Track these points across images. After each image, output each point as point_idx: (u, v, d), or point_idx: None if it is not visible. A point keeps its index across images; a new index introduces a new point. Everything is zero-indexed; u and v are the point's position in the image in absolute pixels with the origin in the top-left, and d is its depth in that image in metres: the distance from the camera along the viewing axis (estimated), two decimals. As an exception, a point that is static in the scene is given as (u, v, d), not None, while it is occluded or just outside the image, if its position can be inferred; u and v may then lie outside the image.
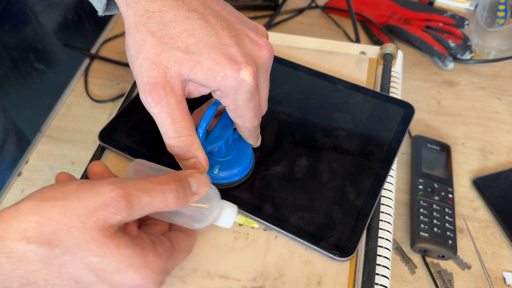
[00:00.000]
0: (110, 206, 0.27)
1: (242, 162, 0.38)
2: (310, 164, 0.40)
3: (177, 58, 0.31)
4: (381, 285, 0.36)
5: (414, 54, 0.73)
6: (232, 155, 0.39)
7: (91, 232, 0.26)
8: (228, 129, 0.38)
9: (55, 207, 0.27)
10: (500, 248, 0.51)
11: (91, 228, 0.26)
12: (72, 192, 0.27)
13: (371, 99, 0.46)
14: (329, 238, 0.36)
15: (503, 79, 0.69)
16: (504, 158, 0.59)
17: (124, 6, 0.31)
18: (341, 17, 0.81)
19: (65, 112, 0.67)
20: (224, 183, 0.38)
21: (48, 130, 0.64)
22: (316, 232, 0.36)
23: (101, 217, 0.26)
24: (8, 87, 1.07)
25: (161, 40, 0.31)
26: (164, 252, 0.29)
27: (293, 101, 0.46)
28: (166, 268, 0.29)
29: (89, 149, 0.61)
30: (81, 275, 0.27)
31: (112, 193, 0.27)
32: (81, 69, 0.73)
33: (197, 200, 0.31)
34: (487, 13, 0.71)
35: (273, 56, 0.34)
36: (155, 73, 0.31)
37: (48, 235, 0.26)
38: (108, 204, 0.27)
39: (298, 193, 0.38)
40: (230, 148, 0.39)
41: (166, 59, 0.31)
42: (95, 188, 0.27)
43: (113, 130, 0.43)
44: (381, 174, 0.40)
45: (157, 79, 0.31)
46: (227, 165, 0.38)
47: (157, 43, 0.31)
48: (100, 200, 0.27)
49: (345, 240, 0.36)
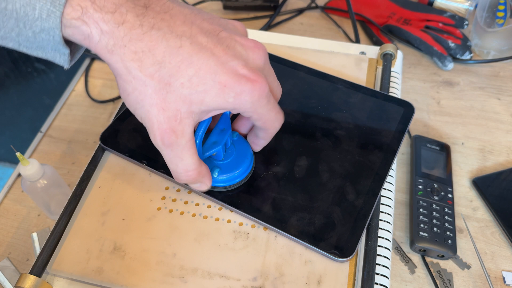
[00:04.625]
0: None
1: (242, 164, 0.38)
2: (309, 164, 0.41)
3: (184, 97, 0.30)
4: (381, 284, 0.36)
5: (414, 54, 0.74)
6: (231, 157, 0.39)
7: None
8: (225, 133, 0.37)
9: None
10: (500, 248, 0.51)
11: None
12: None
13: (371, 98, 0.46)
14: (328, 238, 0.36)
15: (502, 79, 0.69)
16: (503, 158, 0.59)
17: (106, 53, 0.29)
18: (341, 17, 0.81)
19: (65, 112, 0.67)
20: (225, 185, 0.38)
21: (48, 130, 0.65)
22: (315, 233, 0.36)
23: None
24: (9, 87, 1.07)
25: (163, 81, 0.30)
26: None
27: (293, 101, 0.46)
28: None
29: (89, 149, 0.62)
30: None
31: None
32: (82, 69, 0.73)
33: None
34: (487, 13, 0.71)
35: (266, 51, 0.34)
36: (165, 118, 0.30)
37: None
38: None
39: (297, 194, 0.39)
40: (229, 150, 0.39)
41: (174, 101, 0.30)
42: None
43: (115, 133, 0.43)
44: (381, 173, 0.40)
45: (167, 124, 0.30)
46: (226, 168, 0.38)
47: (160, 86, 0.30)
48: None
49: (345, 240, 0.36)
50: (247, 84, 0.31)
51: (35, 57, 0.33)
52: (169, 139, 0.31)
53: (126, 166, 0.42)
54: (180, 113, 0.30)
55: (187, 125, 0.31)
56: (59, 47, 0.29)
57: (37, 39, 0.29)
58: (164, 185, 0.40)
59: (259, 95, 0.31)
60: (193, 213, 0.39)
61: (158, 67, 0.29)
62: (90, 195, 0.40)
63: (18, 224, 0.55)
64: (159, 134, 0.31)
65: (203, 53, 0.30)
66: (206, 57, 0.30)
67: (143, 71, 0.29)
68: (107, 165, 0.42)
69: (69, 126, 0.65)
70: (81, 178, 0.41)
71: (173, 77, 0.30)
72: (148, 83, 0.29)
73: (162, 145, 0.31)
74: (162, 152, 0.32)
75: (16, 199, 0.57)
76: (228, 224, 0.38)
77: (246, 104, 0.31)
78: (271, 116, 0.34)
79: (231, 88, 0.30)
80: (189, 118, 0.31)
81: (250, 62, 0.32)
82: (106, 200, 0.40)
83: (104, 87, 0.70)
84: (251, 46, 0.33)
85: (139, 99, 0.30)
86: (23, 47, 0.30)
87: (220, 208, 0.39)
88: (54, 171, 0.51)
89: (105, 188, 0.40)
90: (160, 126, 0.30)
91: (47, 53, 0.30)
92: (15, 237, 0.54)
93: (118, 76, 0.30)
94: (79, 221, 0.38)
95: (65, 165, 0.60)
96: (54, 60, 0.31)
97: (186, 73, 0.30)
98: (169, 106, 0.30)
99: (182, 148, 0.32)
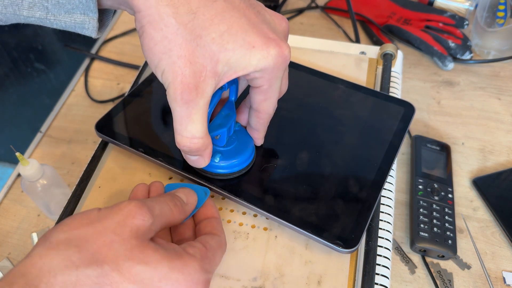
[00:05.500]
0: (136, 213, 0.28)
1: (244, 152, 0.39)
2: (311, 160, 0.41)
3: (212, 54, 0.29)
4: (381, 285, 0.36)
5: (414, 54, 0.74)
6: (233, 145, 0.39)
7: (130, 241, 0.27)
8: (230, 117, 0.38)
9: (88, 230, 0.27)
10: (500, 248, 0.51)
11: (129, 237, 0.27)
12: (97, 216, 0.28)
13: (371, 98, 0.46)
14: (332, 229, 0.36)
15: (502, 79, 0.69)
16: (503, 158, 0.59)
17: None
18: (341, 17, 0.81)
19: (65, 112, 0.67)
20: (225, 172, 0.38)
21: (48, 130, 0.65)
22: (319, 224, 0.36)
23: (133, 225, 0.28)
24: (8, 87, 1.07)
25: (194, 32, 0.29)
26: (197, 252, 0.30)
27: (293, 99, 0.46)
28: (205, 267, 0.29)
29: (89, 149, 0.62)
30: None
31: (131, 204, 0.29)
32: (81, 69, 0.73)
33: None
34: (487, 13, 0.71)
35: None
36: (190, 72, 0.29)
37: (91, 255, 0.26)
38: (134, 212, 0.28)
39: (300, 185, 0.38)
40: (231, 138, 0.39)
41: (202, 56, 0.29)
42: (115, 207, 0.29)
43: (111, 121, 0.43)
44: (383, 169, 0.40)
45: (192, 78, 0.29)
46: (228, 154, 0.38)
47: (191, 37, 0.29)
48: (125, 212, 0.28)
49: (349, 231, 0.35)
50: (276, 48, 0.31)
51: (35, 57, 0.33)
52: (189, 95, 0.30)
53: (126, 166, 0.42)
54: (206, 70, 0.30)
55: (209, 85, 0.30)
56: (89, 4, 0.29)
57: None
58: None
59: (282, 61, 0.31)
60: (193, 213, 0.39)
61: (192, 17, 0.29)
62: (90, 195, 0.40)
63: (18, 224, 0.55)
64: (181, 88, 0.29)
65: (235, 11, 0.30)
66: (238, 16, 0.30)
67: (177, 18, 0.28)
68: (107, 165, 0.42)
69: (69, 126, 0.65)
70: (81, 178, 0.41)
71: (205, 30, 0.29)
72: (181, 31, 0.29)
73: (181, 100, 0.30)
74: (176, 108, 0.31)
75: (15, 199, 0.57)
76: (228, 224, 0.38)
77: (268, 69, 0.31)
78: (275, 94, 0.34)
79: (259, 49, 0.30)
80: (213, 78, 0.30)
81: (277, 30, 0.33)
82: (106, 200, 0.39)
83: (104, 87, 0.70)
84: (277, 17, 0.34)
85: (167, 49, 0.29)
86: (51, 14, 0.29)
87: (220, 208, 0.39)
88: (54, 171, 0.51)
89: (105, 188, 0.40)
90: (184, 80, 0.29)
91: (75, 18, 0.30)
92: (15, 237, 0.54)
93: (147, 25, 0.29)
94: (79, 221, 0.38)
95: (65, 165, 0.60)
96: (82, 29, 0.31)
97: (218, 28, 0.29)
98: (197, 60, 0.29)
99: (198, 109, 0.31)
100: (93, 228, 0.27)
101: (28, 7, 0.29)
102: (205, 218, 0.35)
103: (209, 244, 0.31)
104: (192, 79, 0.29)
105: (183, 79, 0.29)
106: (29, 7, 0.29)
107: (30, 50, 1.07)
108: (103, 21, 0.33)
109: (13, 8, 0.29)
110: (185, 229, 0.34)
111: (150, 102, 0.46)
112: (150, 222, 0.28)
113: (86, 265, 0.26)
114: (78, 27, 0.31)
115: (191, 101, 0.30)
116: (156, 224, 0.29)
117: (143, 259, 0.27)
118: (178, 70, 0.29)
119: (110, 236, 0.27)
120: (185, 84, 0.29)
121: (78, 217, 0.29)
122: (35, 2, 0.29)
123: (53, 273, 0.25)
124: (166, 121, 0.44)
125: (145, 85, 0.48)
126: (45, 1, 0.29)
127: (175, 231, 0.35)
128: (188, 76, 0.29)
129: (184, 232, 0.34)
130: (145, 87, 0.47)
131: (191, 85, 0.30)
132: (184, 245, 0.30)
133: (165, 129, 0.43)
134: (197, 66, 0.29)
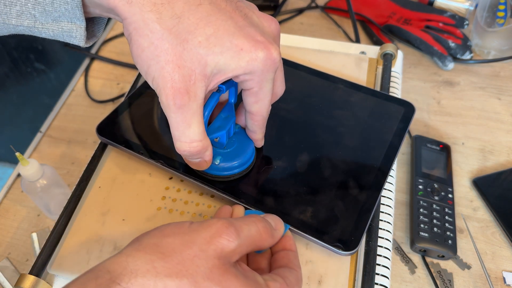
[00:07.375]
0: (223, 233, 0.28)
1: (244, 154, 0.39)
2: (311, 161, 0.41)
3: (200, 57, 0.29)
4: (381, 285, 0.36)
5: (414, 54, 0.74)
6: (233, 147, 0.39)
7: (213, 260, 0.27)
8: (230, 119, 0.38)
9: (175, 240, 0.27)
10: (500, 248, 0.51)
11: (212, 256, 0.27)
12: (188, 228, 0.28)
13: (371, 98, 0.46)
14: (332, 232, 0.36)
15: (502, 79, 0.69)
16: (503, 158, 0.59)
17: (125, 5, 0.29)
18: (341, 17, 0.81)
19: (65, 112, 0.67)
20: (225, 174, 0.38)
21: (48, 130, 0.65)
22: (318, 226, 0.36)
23: (219, 244, 0.27)
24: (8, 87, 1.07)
25: (180, 36, 0.29)
26: (277, 287, 0.29)
27: (293, 100, 0.46)
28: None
29: (89, 149, 0.62)
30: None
31: (219, 222, 0.28)
32: (81, 69, 0.73)
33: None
34: (487, 13, 0.71)
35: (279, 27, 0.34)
36: (179, 77, 0.29)
37: (174, 265, 0.26)
38: (221, 231, 0.28)
39: (300, 188, 0.38)
40: (231, 140, 0.39)
41: (190, 59, 0.29)
42: (204, 223, 0.29)
43: (112, 124, 0.43)
44: (383, 170, 0.40)
45: (182, 83, 0.29)
46: (228, 156, 0.38)
47: (177, 41, 0.29)
48: (213, 230, 0.28)
49: (348, 234, 0.35)
50: (264, 50, 0.31)
51: (35, 57, 0.33)
52: (181, 100, 0.30)
53: (126, 166, 0.42)
54: (195, 74, 0.30)
55: (200, 88, 0.30)
56: (75, 12, 0.29)
57: (54, 5, 0.28)
58: (164, 185, 0.40)
59: (271, 63, 0.31)
60: (193, 213, 0.38)
61: (176, 21, 0.29)
62: (90, 195, 0.40)
63: (18, 224, 0.55)
64: (172, 94, 0.29)
65: (221, 14, 0.30)
66: (225, 19, 0.30)
67: (161, 24, 0.29)
68: (107, 165, 0.42)
69: (69, 126, 0.65)
70: (81, 178, 0.41)
71: (191, 34, 0.29)
72: (166, 36, 0.29)
73: (174, 106, 0.30)
74: (171, 115, 0.31)
75: (15, 199, 0.57)
76: (228, 224, 0.38)
77: (257, 71, 0.31)
78: (267, 96, 0.34)
79: (247, 52, 0.30)
80: (203, 81, 0.30)
81: (266, 33, 0.32)
82: (106, 200, 0.39)
83: (104, 87, 0.70)
84: (266, 19, 0.33)
85: (154, 55, 0.29)
86: (39, 22, 0.29)
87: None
88: (54, 171, 0.51)
89: (105, 188, 0.40)
90: (174, 85, 0.29)
91: (62, 27, 0.30)
92: (15, 237, 0.54)
93: (134, 32, 0.29)
94: (79, 221, 0.38)
95: (65, 165, 0.60)
96: (70, 38, 0.31)
97: (204, 32, 0.29)
98: (185, 64, 0.29)
99: (192, 112, 0.31)
100: (181, 239, 0.27)
101: (16, 16, 0.29)
102: (282, 250, 0.33)
103: (289, 280, 0.30)
104: (182, 83, 0.29)
105: (173, 84, 0.29)
106: (17, 16, 0.29)
107: (30, 50, 1.07)
108: (94, 31, 0.33)
109: (1, 18, 0.29)
110: (262, 258, 0.33)
111: (150, 104, 0.46)
112: (235, 244, 0.28)
113: (166, 275, 0.26)
114: (66, 36, 0.31)
115: (184, 106, 0.30)
116: (242, 246, 0.29)
117: (221, 282, 0.26)
118: (167, 75, 0.29)
119: (195, 251, 0.27)
120: (176, 89, 0.29)
121: (172, 225, 0.29)
122: (23, 10, 0.29)
123: (134, 273, 0.25)
124: (166, 123, 0.44)
125: (145, 87, 0.48)
126: (32, 9, 0.29)
127: (252, 258, 0.34)
128: (178, 80, 0.29)
129: (261, 261, 0.33)
130: (145, 89, 0.47)
131: (182, 90, 0.30)
132: (266, 277, 0.29)
133: (166, 131, 0.43)
134: (185, 70, 0.29)
